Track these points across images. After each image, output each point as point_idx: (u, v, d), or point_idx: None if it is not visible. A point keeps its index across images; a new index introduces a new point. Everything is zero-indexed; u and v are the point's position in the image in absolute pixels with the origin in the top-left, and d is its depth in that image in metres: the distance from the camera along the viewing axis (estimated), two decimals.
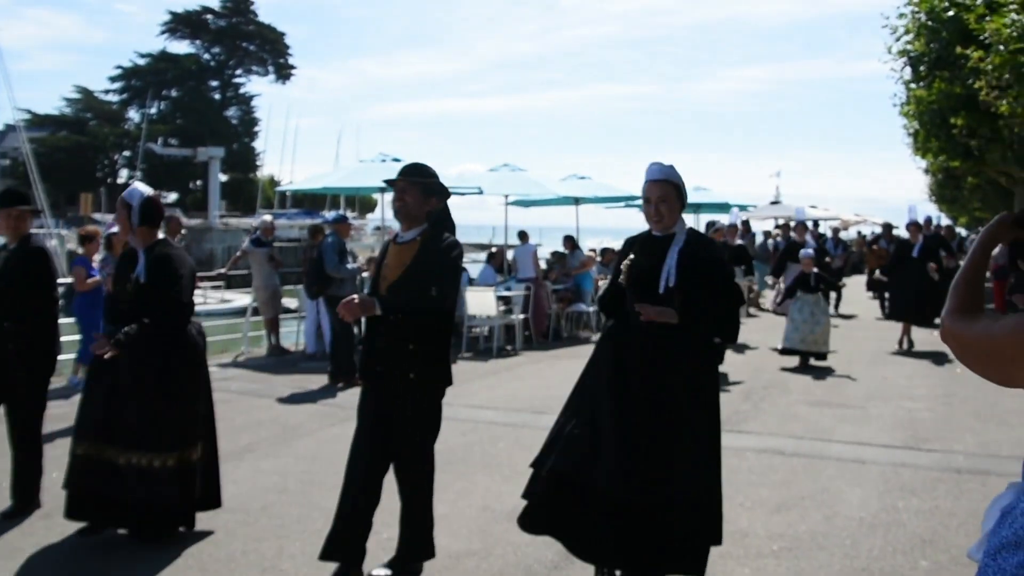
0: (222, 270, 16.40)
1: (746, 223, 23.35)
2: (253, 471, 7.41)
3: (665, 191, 4.65)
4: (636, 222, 18.04)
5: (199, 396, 5.83)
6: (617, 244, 13.33)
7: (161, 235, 5.87)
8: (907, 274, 14.78)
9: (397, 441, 5.03)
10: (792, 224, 21.64)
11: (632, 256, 4.76)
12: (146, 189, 5.97)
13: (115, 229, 10.10)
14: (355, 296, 4.88)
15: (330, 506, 6.36)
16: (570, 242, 18.11)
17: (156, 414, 5.50)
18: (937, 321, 15.27)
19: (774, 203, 33.29)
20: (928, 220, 16.63)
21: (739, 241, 16.24)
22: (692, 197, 22.18)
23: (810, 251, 13.75)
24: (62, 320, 7.23)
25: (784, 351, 13.02)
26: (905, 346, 14.63)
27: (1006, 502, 2.05)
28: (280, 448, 8.23)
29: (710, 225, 13.93)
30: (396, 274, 4.96)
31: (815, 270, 13.19)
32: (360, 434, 5.06)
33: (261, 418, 9.48)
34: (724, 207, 24.45)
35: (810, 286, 13.03)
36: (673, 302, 4.53)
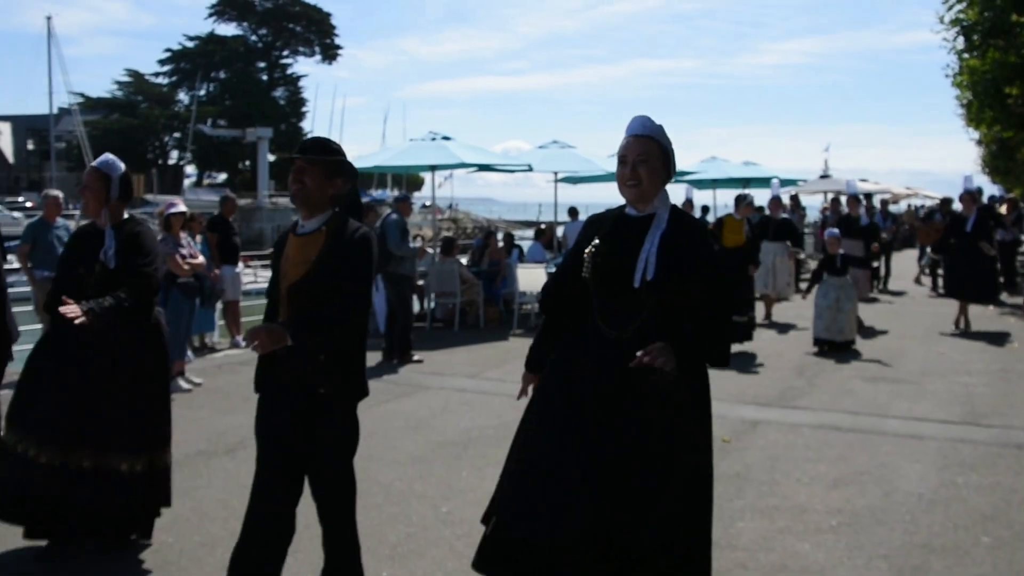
0: (270, 249, 16.53)
1: (795, 198, 23.04)
2: None
3: (647, 149, 3.70)
4: (681, 197, 17.94)
5: (168, 391, 5.40)
6: None
7: (126, 214, 5.31)
8: (960, 250, 14.03)
9: (309, 464, 4.20)
10: (844, 198, 21.40)
11: (597, 241, 3.78)
12: (118, 161, 5.40)
13: (176, 209, 10.18)
14: (261, 326, 4.00)
15: (389, 481, 6.49)
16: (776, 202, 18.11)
17: (133, 412, 5.05)
18: (999, 298, 15.11)
19: (823, 177, 32.93)
20: (980, 190, 16.03)
21: (783, 215, 15.80)
22: (740, 172, 21.81)
23: (835, 231, 13.11)
24: None
25: (817, 342, 12.18)
26: (962, 326, 13.88)
27: None
28: None
29: (741, 199, 12.94)
30: (299, 271, 4.06)
31: (841, 251, 12.52)
32: (263, 460, 4.20)
33: None
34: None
35: (836, 268, 12.29)
36: (647, 300, 3.60)
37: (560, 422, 3.68)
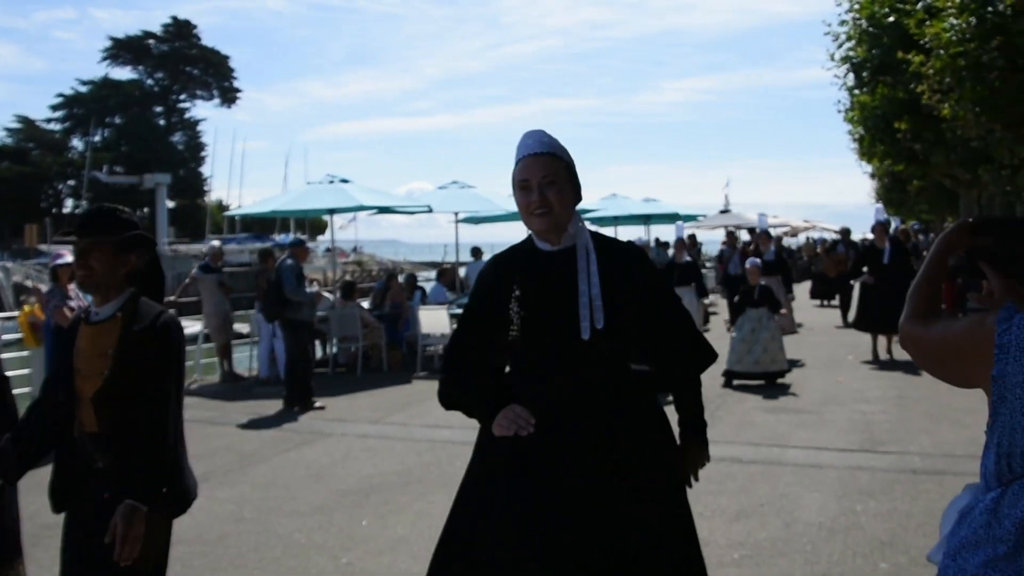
0: (171, 297, 16.25)
1: (692, 237, 23.32)
2: (209, 501, 7.28)
3: (552, 168, 3.11)
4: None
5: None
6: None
7: None
8: (878, 281, 13.59)
9: None
10: (743, 233, 21.83)
11: (518, 290, 3.14)
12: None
13: (61, 260, 9.93)
14: (117, 519, 3.19)
15: (288, 533, 6.33)
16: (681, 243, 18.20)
17: None
18: None
19: (724, 212, 33.52)
20: (888, 221, 15.70)
21: (687, 258, 15.85)
22: (641, 209, 22.08)
23: (757, 260, 12.90)
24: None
25: (729, 374, 11.83)
26: (883, 356, 13.76)
27: (963, 503, 2.11)
28: (236, 476, 8.12)
29: (670, 243, 13.23)
30: (97, 369, 3.35)
31: (762, 282, 12.34)
32: None
33: (216, 446, 9.35)
34: (674, 217, 24.61)
35: (754, 300, 12.07)
36: (597, 350, 3.04)
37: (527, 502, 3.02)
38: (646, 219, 23.81)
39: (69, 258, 10.07)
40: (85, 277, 3.44)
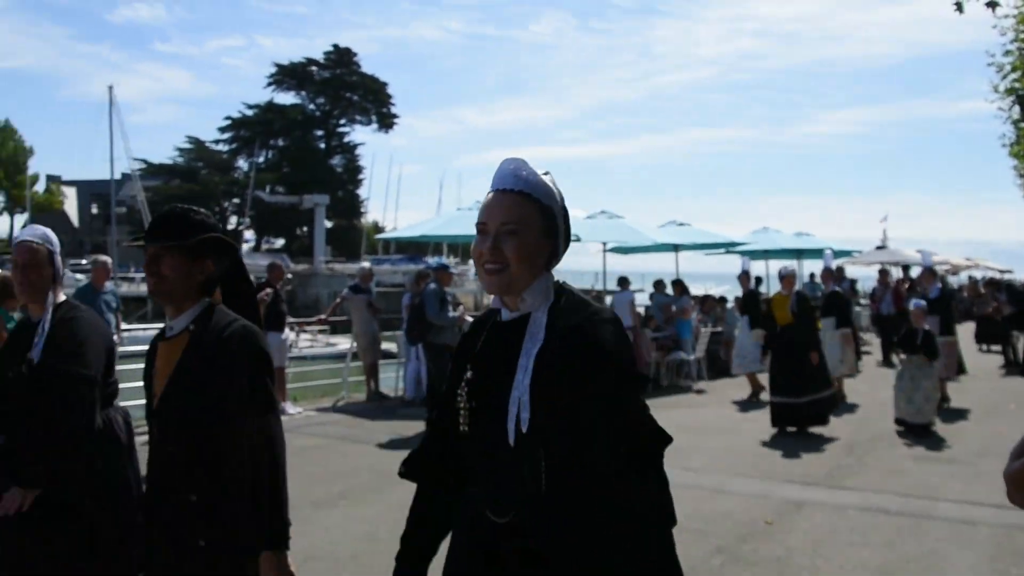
0: (323, 316, 16.64)
1: (839, 269, 22.65)
2: (344, 518, 7.40)
3: (518, 213, 2.43)
4: (734, 268, 17.61)
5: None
6: (720, 290, 13.06)
7: (62, 296, 4.09)
8: None
9: None
10: (895, 270, 21.12)
11: (471, 369, 2.53)
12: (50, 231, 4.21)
13: None
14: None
15: None
16: (679, 287, 17.92)
17: None
18: None
19: (880, 247, 32.56)
20: None
21: (835, 287, 15.20)
22: (792, 243, 21.58)
23: (922, 303, 12.10)
24: None
25: (898, 421, 11.43)
26: None
27: None
28: (374, 495, 8.20)
29: (782, 274, 12.23)
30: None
31: (926, 327, 11.61)
32: None
33: (357, 464, 9.49)
34: None
35: (915, 345, 11.42)
36: (528, 461, 2.33)
37: None
38: (798, 253, 23.31)
39: None
40: (156, 285, 3.12)
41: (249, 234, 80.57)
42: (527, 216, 2.42)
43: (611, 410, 2.32)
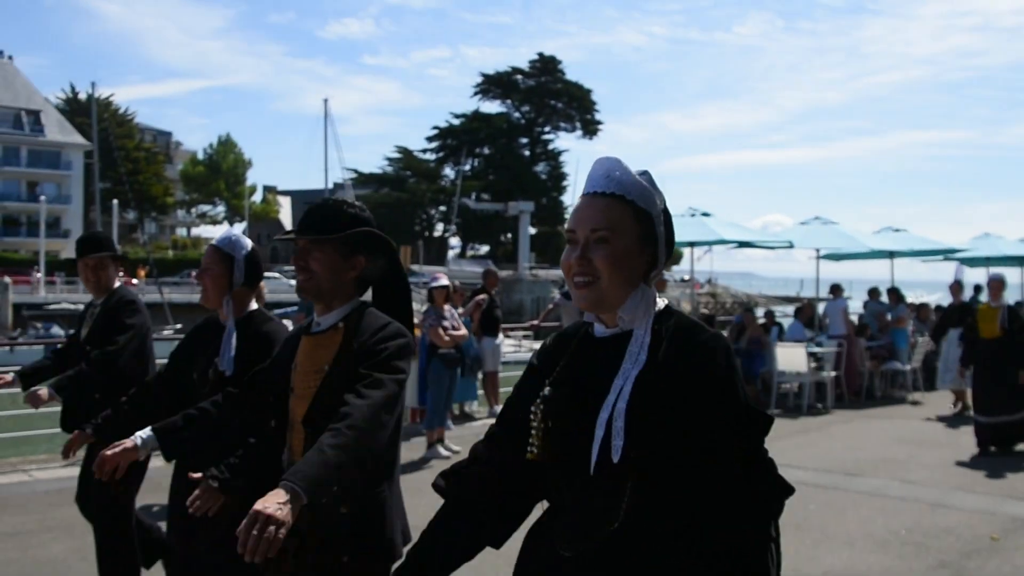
0: (534, 322, 17.00)
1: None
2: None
3: (611, 219, 2.15)
4: (951, 276, 16.93)
5: None
6: (934, 298, 12.50)
7: (254, 305, 4.12)
8: None
9: None
10: None
11: (549, 386, 2.23)
12: (245, 237, 4.15)
13: (437, 283, 10.69)
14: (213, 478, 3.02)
15: None
16: (894, 295, 17.50)
17: None
18: None
19: None
20: None
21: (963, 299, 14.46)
22: (1017, 250, 20.55)
23: None
24: None
25: None
26: None
27: None
28: None
29: (992, 283, 11.36)
30: (310, 385, 2.99)
31: None
32: None
33: None
34: None
35: None
36: (617, 491, 2.06)
37: None
38: (1021, 261, 22.29)
39: (445, 280, 10.85)
40: (305, 281, 3.01)
41: (455, 240, 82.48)
42: (621, 221, 2.14)
43: (727, 447, 2.05)
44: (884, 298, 17.82)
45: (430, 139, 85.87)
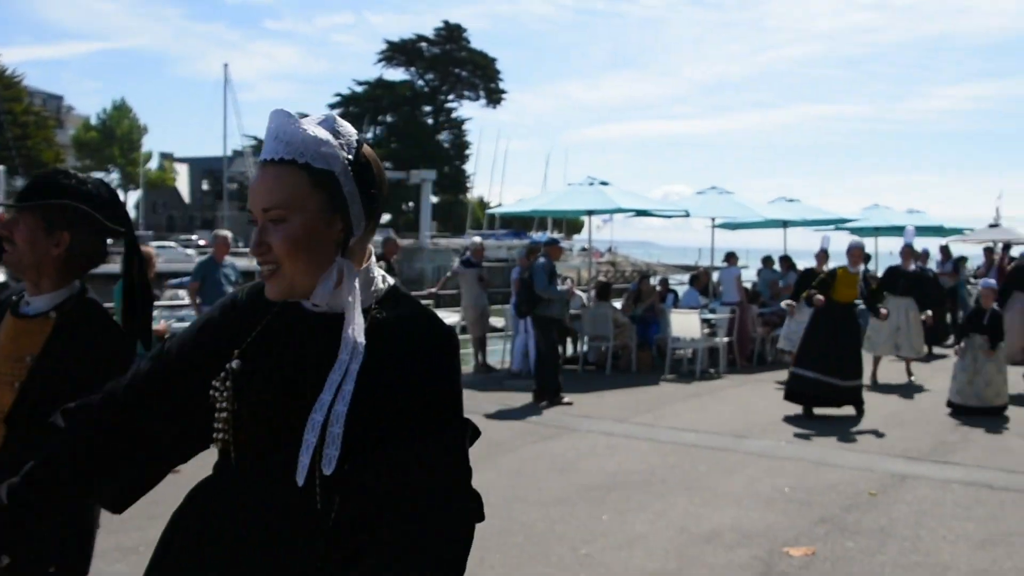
0: (432, 289, 17.04)
1: (945, 248, 22.17)
2: None
3: (280, 192, 1.80)
4: (844, 245, 17.30)
5: None
6: (826, 268, 12.62)
7: None
8: None
9: None
10: (999, 246, 20.69)
11: (238, 358, 1.86)
12: None
13: None
14: None
15: (530, 521, 6.65)
16: (786, 263, 17.96)
17: None
18: None
19: (993, 226, 31.81)
20: None
21: (913, 266, 14.37)
22: (903, 220, 21.23)
23: (992, 282, 11.80)
24: None
25: (951, 406, 11.06)
26: None
27: None
28: (484, 463, 8.51)
29: (851, 249, 11.33)
30: (12, 377, 2.56)
31: (994, 307, 11.20)
32: None
33: None
34: (940, 231, 23.64)
35: (982, 325, 10.97)
36: (325, 510, 1.78)
37: None
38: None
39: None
40: (9, 254, 2.66)
41: None
42: (295, 193, 1.78)
43: (436, 463, 1.78)
44: (777, 266, 18.26)
45: (332, 106, 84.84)
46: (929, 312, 13.32)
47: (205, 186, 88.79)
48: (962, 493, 7.55)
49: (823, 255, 14.15)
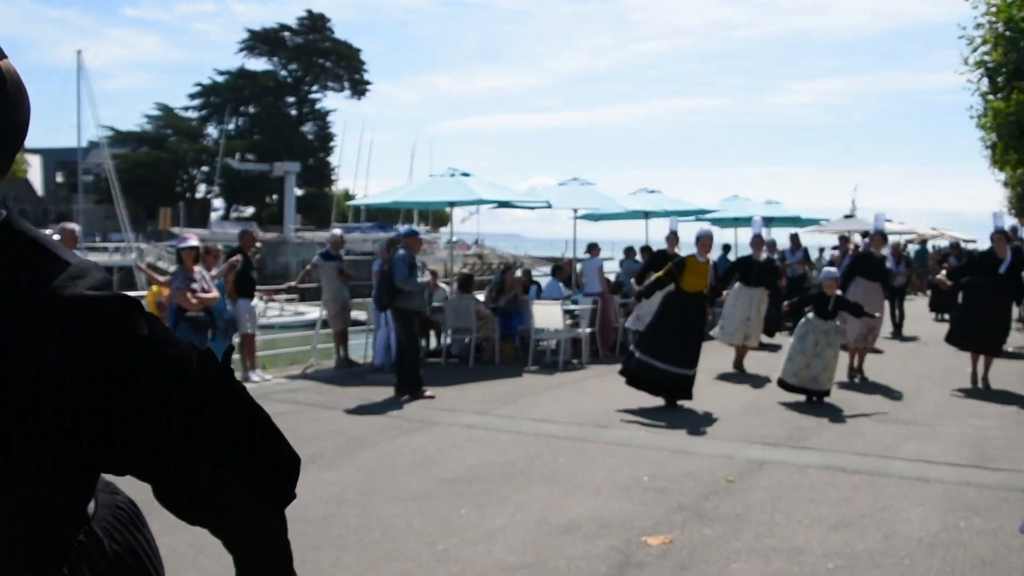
0: (292, 283, 16.66)
1: (795, 237, 22.77)
2: (315, 481, 7.52)
3: None
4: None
5: None
6: (685, 253, 12.62)
7: None
8: (985, 293, 12.26)
9: None
10: (856, 236, 21.27)
11: None
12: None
13: (186, 243, 10.33)
14: None
15: (388, 518, 6.50)
16: (648, 254, 18.13)
17: None
18: (1010, 349, 13.89)
19: (848, 216, 32.85)
20: (1015, 229, 13.47)
21: (765, 255, 14.53)
22: (762, 211, 21.75)
23: (834, 270, 12.00)
24: None
25: (782, 384, 11.24)
26: (980, 383, 12.31)
27: None
28: (343, 459, 8.34)
29: (700, 237, 11.26)
30: None
31: (838, 293, 11.36)
32: None
33: (326, 429, 9.61)
34: (797, 221, 24.26)
35: (827, 311, 11.09)
36: None
37: None
38: (767, 222, 23.50)
39: (195, 241, 10.49)
40: None
41: (219, 202, 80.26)
42: None
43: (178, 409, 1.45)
44: (639, 257, 18.43)
45: (193, 96, 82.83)
46: (786, 302, 13.31)
47: (60, 178, 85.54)
48: (817, 477, 7.66)
49: (673, 237, 14.28)
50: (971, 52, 21.65)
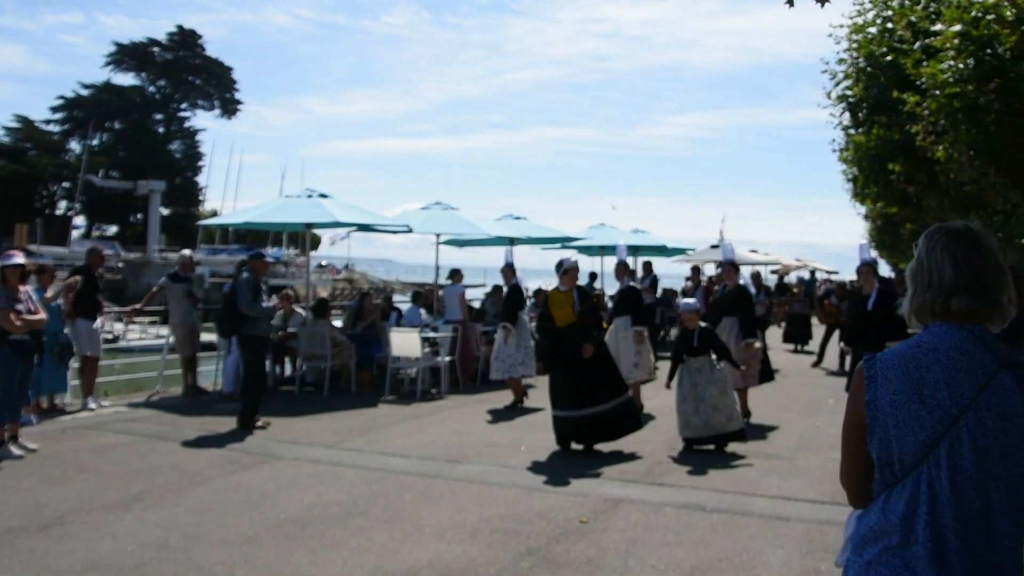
0: (137, 305, 15.60)
1: (648, 264, 22.76)
2: (137, 523, 6.89)
3: None
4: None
5: None
6: (552, 284, 12.11)
7: None
8: (866, 335, 11.03)
9: None
10: (709, 267, 21.33)
11: None
12: None
13: (11, 261, 9.50)
14: None
15: (209, 565, 5.90)
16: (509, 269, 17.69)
17: None
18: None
19: (714, 246, 33.11)
20: (875, 261, 12.83)
21: (631, 283, 13.55)
22: (629, 239, 21.61)
23: (693, 302, 10.79)
24: None
25: (687, 442, 10.05)
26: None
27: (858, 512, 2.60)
28: (171, 497, 7.69)
29: (560, 266, 10.81)
30: None
31: (702, 324, 10.32)
32: None
33: (159, 463, 8.93)
34: (663, 250, 24.28)
35: (693, 347, 10.13)
36: None
37: None
38: (634, 250, 23.41)
39: (20, 259, 9.65)
40: None
41: (80, 220, 77.51)
42: None
43: None
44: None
45: (55, 109, 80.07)
46: (641, 329, 12.71)
47: None
48: (675, 517, 7.30)
49: (509, 270, 14.07)
50: (834, 86, 22.03)
